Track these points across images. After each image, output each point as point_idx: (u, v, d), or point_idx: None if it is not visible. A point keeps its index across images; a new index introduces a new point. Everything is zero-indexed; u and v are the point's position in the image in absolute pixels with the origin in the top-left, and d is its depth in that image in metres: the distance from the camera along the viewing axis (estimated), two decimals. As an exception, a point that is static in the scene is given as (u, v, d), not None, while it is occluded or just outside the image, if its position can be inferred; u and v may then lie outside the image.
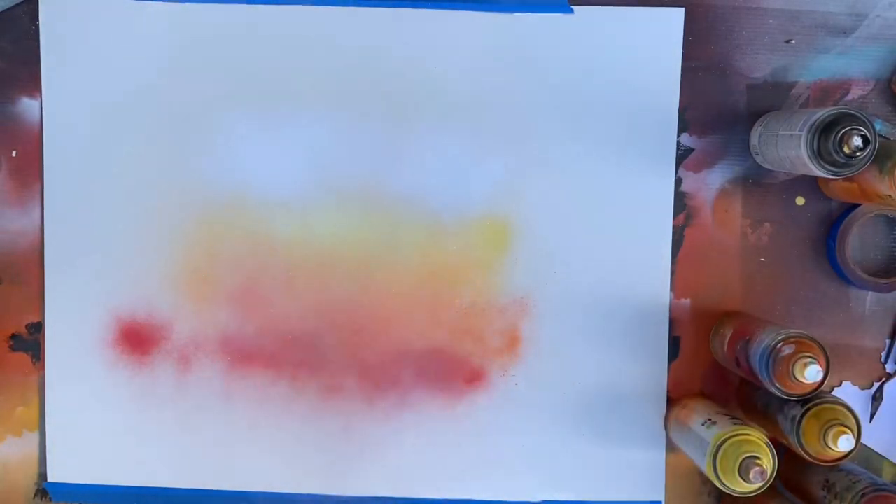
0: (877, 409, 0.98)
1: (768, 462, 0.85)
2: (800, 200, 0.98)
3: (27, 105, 0.97)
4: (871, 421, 0.98)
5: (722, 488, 0.85)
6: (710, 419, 0.90)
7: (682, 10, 0.96)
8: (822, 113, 0.83)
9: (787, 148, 0.87)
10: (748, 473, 0.83)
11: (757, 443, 0.85)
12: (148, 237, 0.98)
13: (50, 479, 0.99)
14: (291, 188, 0.97)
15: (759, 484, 0.84)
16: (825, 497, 0.89)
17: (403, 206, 0.97)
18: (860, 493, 0.85)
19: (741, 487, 0.85)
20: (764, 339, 0.87)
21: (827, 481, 0.90)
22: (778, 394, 0.86)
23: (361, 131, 0.97)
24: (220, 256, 0.97)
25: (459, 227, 0.97)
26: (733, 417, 0.90)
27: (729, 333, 0.93)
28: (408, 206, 0.97)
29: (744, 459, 0.84)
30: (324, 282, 0.97)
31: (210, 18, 0.96)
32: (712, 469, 0.85)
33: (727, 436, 0.86)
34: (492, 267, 0.97)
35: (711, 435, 0.87)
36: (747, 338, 0.90)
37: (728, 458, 0.85)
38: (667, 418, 0.98)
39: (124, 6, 0.96)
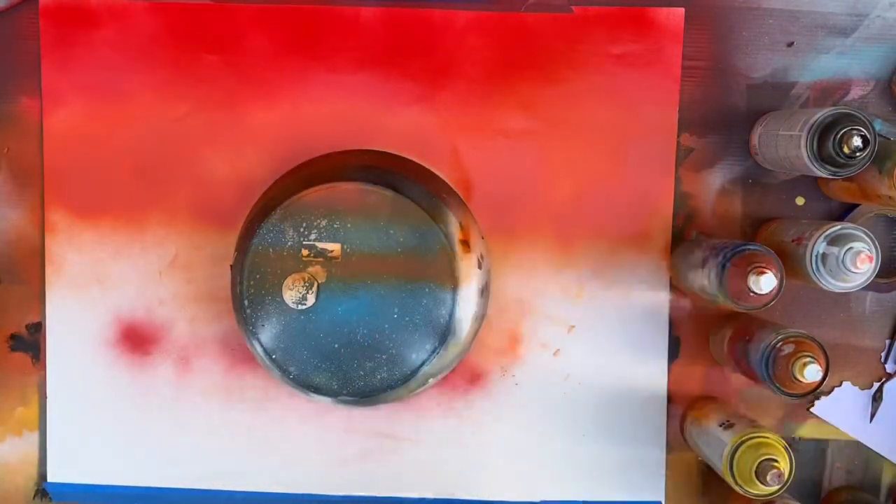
0: (877, 409, 0.98)
1: (785, 465, 0.85)
2: (800, 200, 0.98)
3: (27, 105, 0.97)
4: (871, 421, 0.98)
5: (738, 490, 0.85)
6: (727, 421, 0.90)
7: (682, 10, 0.96)
8: (821, 113, 0.83)
9: (787, 148, 0.87)
10: (766, 476, 0.83)
11: (774, 446, 0.85)
12: (148, 237, 0.98)
13: (50, 479, 0.99)
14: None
15: (776, 487, 0.84)
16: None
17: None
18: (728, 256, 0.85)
19: (757, 490, 0.85)
20: (764, 339, 0.87)
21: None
22: (778, 393, 0.86)
23: (358, 131, 0.97)
24: (222, 255, 0.97)
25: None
26: (752, 420, 0.90)
27: (729, 333, 0.94)
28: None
29: (761, 462, 0.84)
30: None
31: (210, 17, 0.96)
32: (728, 470, 0.85)
33: (745, 438, 0.86)
34: (492, 267, 0.97)
35: (729, 437, 0.87)
36: (747, 338, 0.90)
37: (745, 460, 0.85)
38: (683, 418, 0.98)
39: (124, 6, 0.96)
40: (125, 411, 0.99)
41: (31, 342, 0.99)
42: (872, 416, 0.98)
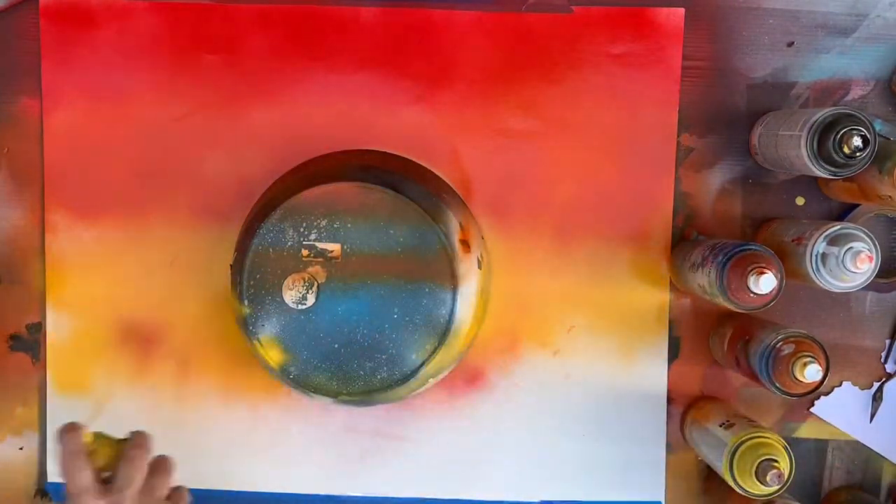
0: (877, 409, 0.98)
1: (785, 465, 0.85)
2: (800, 200, 0.98)
3: (27, 105, 0.97)
4: (871, 421, 0.98)
5: (738, 490, 0.85)
6: (727, 421, 0.90)
7: (682, 10, 0.96)
8: (821, 113, 0.83)
9: (787, 148, 0.87)
10: (765, 476, 0.83)
11: (775, 446, 0.85)
12: (148, 237, 0.98)
13: (50, 479, 0.99)
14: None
15: (776, 487, 0.84)
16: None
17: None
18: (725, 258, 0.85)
19: (757, 490, 0.85)
20: (764, 339, 0.87)
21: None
22: (778, 393, 0.86)
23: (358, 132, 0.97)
24: (222, 255, 0.97)
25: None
26: (751, 420, 0.90)
27: (729, 333, 0.94)
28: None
29: (761, 462, 0.84)
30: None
31: (210, 17, 0.96)
32: (728, 470, 0.85)
33: (745, 438, 0.86)
34: (492, 267, 0.97)
35: (729, 436, 0.87)
36: (747, 338, 0.90)
37: (745, 460, 0.85)
38: (683, 418, 0.98)
39: (124, 6, 0.96)
40: (125, 411, 0.99)
41: (31, 342, 0.99)
42: (872, 416, 0.98)
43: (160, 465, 0.81)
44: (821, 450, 0.99)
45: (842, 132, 0.82)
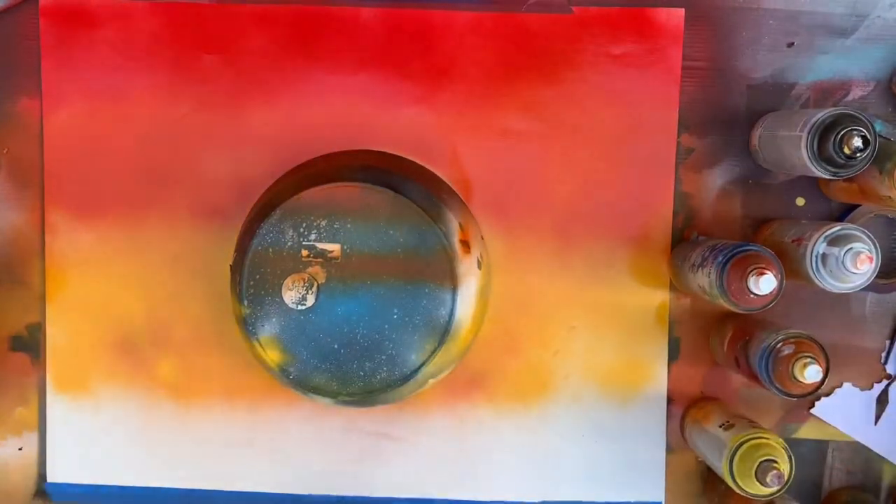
0: (882, 411, 0.98)
1: (785, 466, 0.85)
2: (800, 201, 0.98)
3: (27, 105, 0.97)
4: (875, 423, 0.98)
5: (738, 490, 0.85)
6: (728, 421, 0.90)
7: (682, 10, 0.96)
8: (822, 114, 0.83)
9: (788, 148, 0.87)
10: (765, 477, 0.83)
11: (774, 446, 0.85)
12: (148, 237, 0.98)
13: (50, 479, 0.99)
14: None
15: (776, 488, 0.84)
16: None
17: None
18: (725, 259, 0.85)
19: (757, 490, 0.85)
20: (764, 340, 0.87)
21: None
22: (778, 394, 0.86)
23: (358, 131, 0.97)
24: (222, 255, 0.97)
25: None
26: (751, 421, 0.90)
27: (729, 334, 0.93)
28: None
29: (761, 463, 0.84)
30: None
31: (210, 17, 0.96)
32: (728, 471, 0.85)
33: (745, 438, 0.86)
34: (492, 267, 0.97)
35: (729, 437, 0.87)
36: (747, 338, 0.90)
37: (745, 460, 0.85)
38: (683, 418, 0.98)
39: (124, 6, 0.96)
40: (125, 411, 0.99)
41: (31, 342, 0.99)
42: (877, 418, 0.98)
43: None
44: (821, 451, 0.99)
45: (842, 133, 0.82)
